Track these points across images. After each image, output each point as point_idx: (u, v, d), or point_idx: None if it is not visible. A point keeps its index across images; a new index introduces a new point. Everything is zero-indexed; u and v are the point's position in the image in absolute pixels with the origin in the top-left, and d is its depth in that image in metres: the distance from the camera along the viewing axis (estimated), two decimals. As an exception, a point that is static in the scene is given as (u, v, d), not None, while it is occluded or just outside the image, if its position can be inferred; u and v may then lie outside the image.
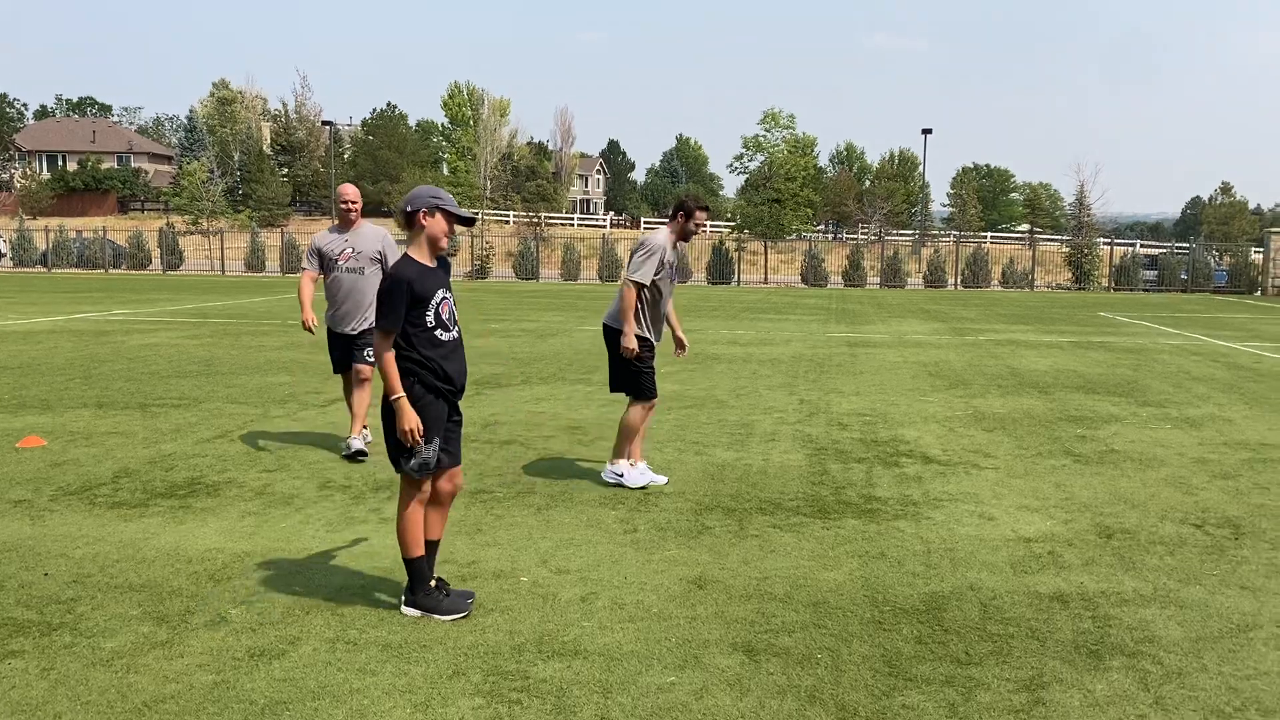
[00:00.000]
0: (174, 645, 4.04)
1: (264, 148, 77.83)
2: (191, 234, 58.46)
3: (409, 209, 4.36)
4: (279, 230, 52.56)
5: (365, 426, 7.57)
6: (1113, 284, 41.08)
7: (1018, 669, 3.94)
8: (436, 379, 4.36)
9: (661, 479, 6.82)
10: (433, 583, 4.45)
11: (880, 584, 4.89)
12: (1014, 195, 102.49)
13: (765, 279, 44.11)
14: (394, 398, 4.26)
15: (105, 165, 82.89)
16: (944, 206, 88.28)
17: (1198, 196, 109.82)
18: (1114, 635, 4.29)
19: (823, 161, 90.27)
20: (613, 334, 6.68)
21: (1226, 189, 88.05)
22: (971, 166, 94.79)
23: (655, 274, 6.56)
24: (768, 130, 59.77)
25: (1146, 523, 6.04)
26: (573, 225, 72.60)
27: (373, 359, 7.17)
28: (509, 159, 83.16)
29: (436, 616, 4.35)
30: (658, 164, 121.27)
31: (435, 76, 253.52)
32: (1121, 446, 8.29)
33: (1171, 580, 5.01)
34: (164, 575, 4.87)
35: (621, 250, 43.98)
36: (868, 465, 7.49)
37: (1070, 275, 42.77)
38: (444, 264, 4.54)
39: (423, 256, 4.40)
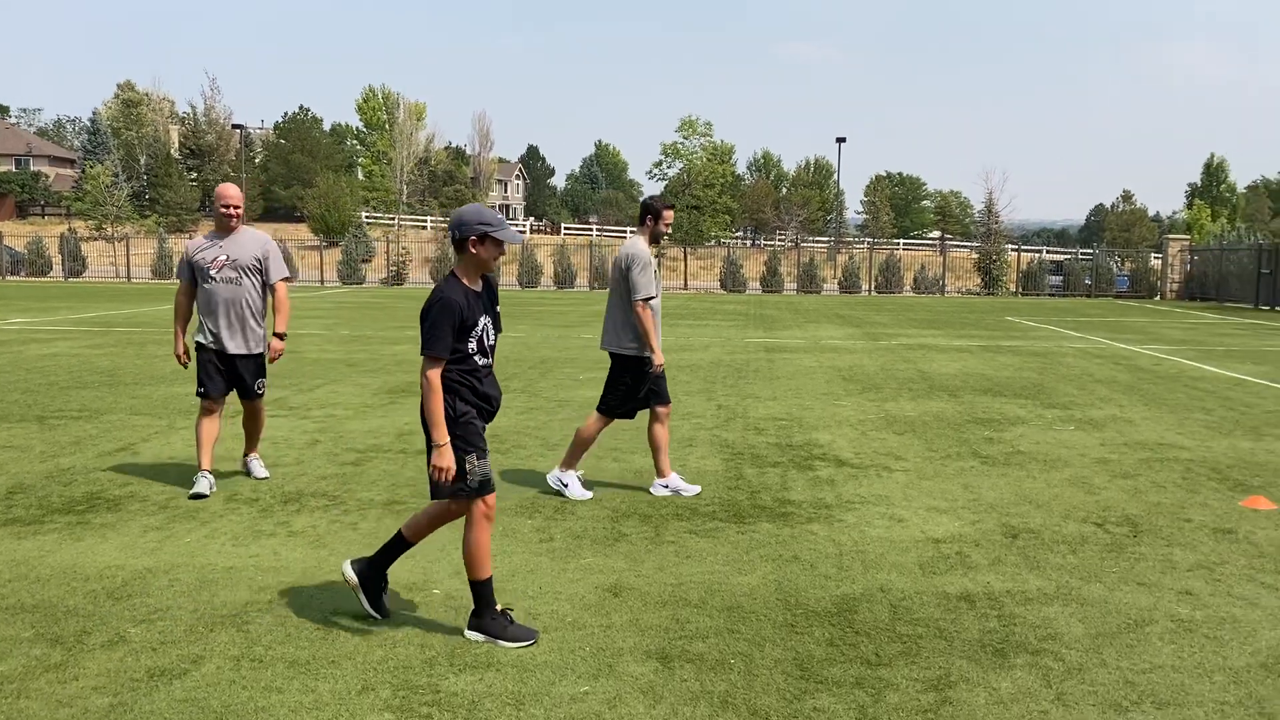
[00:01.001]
0: (68, 668, 3.89)
1: (171, 151, 75.73)
2: (95, 240, 56.68)
3: (457, 235, 4.28)
4: (188, 235, 51.21)
5: (256, 456, 7.17)
6: (1020, 289, 42.22)
7: (926, 669, 4.01)
8: (475, 395, 4.31)
9: (694, 489, 6.77)
10: (499, 607, 4.34)
11: (793, 587, 4.94)
12: (925, 203, 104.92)
13: (685, 285, 44.37)
14: (438, 444, 4.17)
15: (2, 168, 79.85)
16: (858, 214, 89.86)
17: (1101, 204, 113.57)
18: (1018, 633, 4.39)
19: (740, 169, 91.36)
20: (619, 358, 6.67)
21: (1128, 197, 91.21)
22: (884, 174, 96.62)
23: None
24: (686, 137, 60.34)
25: (1050, 522, 6.21)
26: (491, 231, 71.92)
27: (261, 391, 6.95)
28: (426, 164, 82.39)
29: (503, 643, 4.18)
30: (578, 170, 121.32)
31: (350, 80, 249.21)
32: (1027, 448, 8.52)
33: (1073, 578, 5.15)
34: (59, 595, 4.69)
35: (541, 256, 43.86)
36: (782, 469, 7.57)
37: (979, 281, 43.85)
38: (489, 284, 4.48)
39: (470, 280, 4.34)
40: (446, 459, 4.16)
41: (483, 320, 4.32)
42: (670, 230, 6.72)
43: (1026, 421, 9.85)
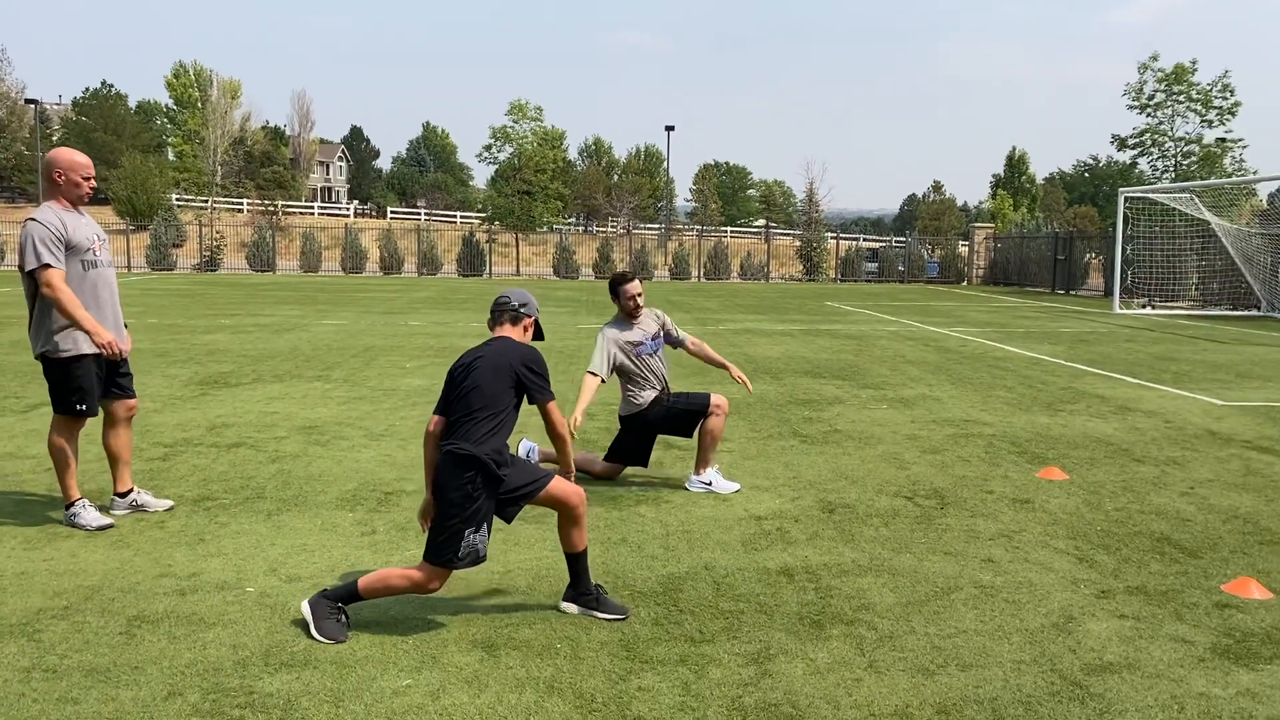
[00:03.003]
0: None
1: (-46, 126, 69.74)
2: None
3: (524, 313, 4.51)
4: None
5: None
6: (839, 275, 43.88)
7: (747, 643, 4.11)
8: (498, 469, 4.16)
9: (734, 485, 6.65)
10: (345, 612, 4.16)
11: (620, 569, 4.98)
12: (751, 192, 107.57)
13: (517, 271, 44.06)
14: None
15: None
16: (688, 201, 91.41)
17: (914, 194, 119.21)
18: (834, 605, 4.56)
19: (572, 155, 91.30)
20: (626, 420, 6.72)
21: (938, 187, 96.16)
22: (712, 163, 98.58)
23: (614, 359, 6.60)
24: (516, 121, 59.81)
25: (864, 497, 6.48)
26: (313, 214, 69.63)
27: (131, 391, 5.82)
28: (242, 144, 78.75)
29: (315, 636, 4.03)
30: (404, 152, 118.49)
31: (158, 55, 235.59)
32: (844, 426, 8.86)
33: (885, 550, 5.39)
34: None
35: (366, 240, 42.66)
36: (611, 454, 7.60)
37: (801, 268, 45.35)
38: None
39: None
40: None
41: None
42: (635, 301, 6.66)
43: (844, 401, 10.24)
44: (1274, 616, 4.51)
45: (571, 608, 4.38)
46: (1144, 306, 27.32)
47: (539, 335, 4.61)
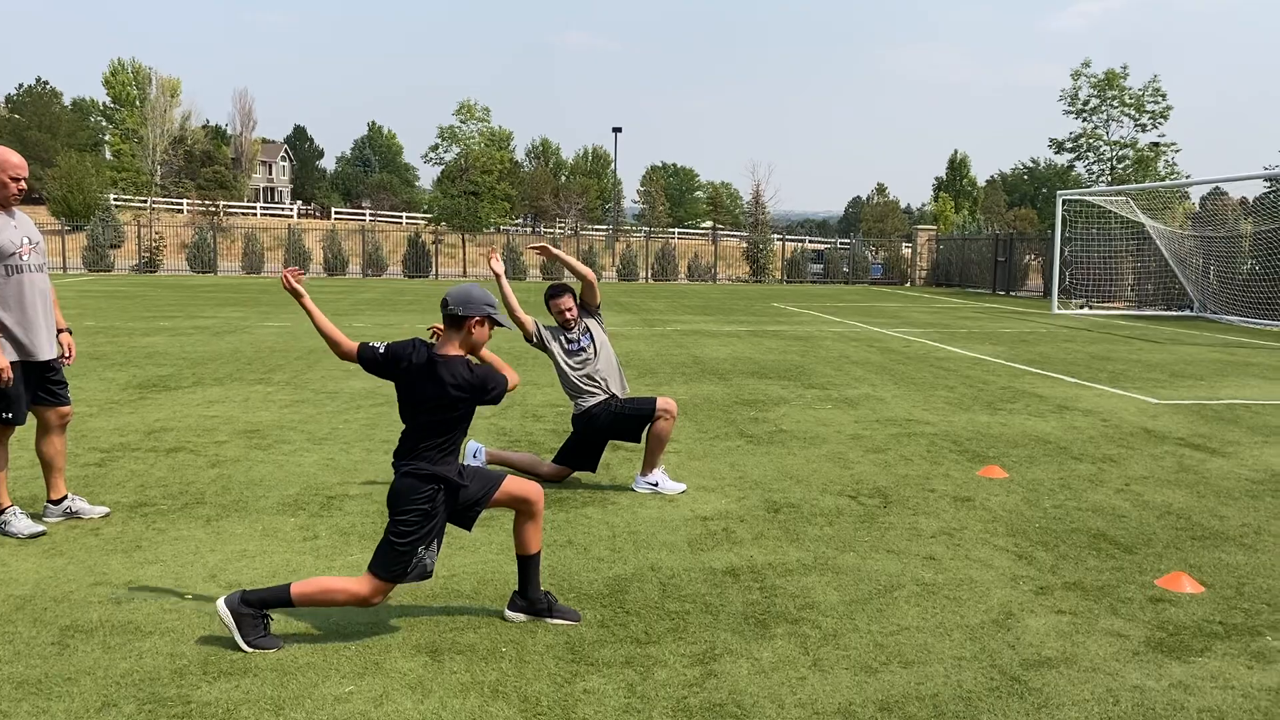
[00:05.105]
0: None
1: (-122, 123, 67.68)
2: None
3: (461, 312, 4.09)
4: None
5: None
6: (785, 277, 44.20)
7: (693, 644, 4.12)
8: (460, 481, 4.11)
9: (680, 486, 6.63)
10: (268, 617, 4.04)
11: (567, 571, 4.96)
12: (699, 193, 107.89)
13: (464, 272, 43.78)
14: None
15: None
16: (635, 203, 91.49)
17: (858, 196, 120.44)
18: (779, 604, 4.59)
19: (519, 156, 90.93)
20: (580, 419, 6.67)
21: (882, 190, 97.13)
22: (660, 165, 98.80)
23: (544, 336, 6.69)
24: (463, 122, 59.46)
25: (809, 496, 6.53)
26: (255, 215, 68.57)
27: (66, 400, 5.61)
28: (182, 143, 77.29)
29: (238, 638, 3.94)
30: (349, 152, 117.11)
31: (94, 52, 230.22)
32: (789, 426, 8.93)
33: (830, 549, 5.44)
34: None
35: (310, 242, 42.13)
36: (558, 456, 7.58)
37: (748, 269, 45.60)
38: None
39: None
40: None
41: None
42: (567, 314, 6.69)
43: (789, 401, 10.32)
44: (1205, 610, 4.63)
45: (518, 617, 4.32)
46: (1081, 307, 27.88)
47: (492, 327, 4.26)
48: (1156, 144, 46.03)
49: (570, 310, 6.68)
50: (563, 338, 6.73)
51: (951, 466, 7.49)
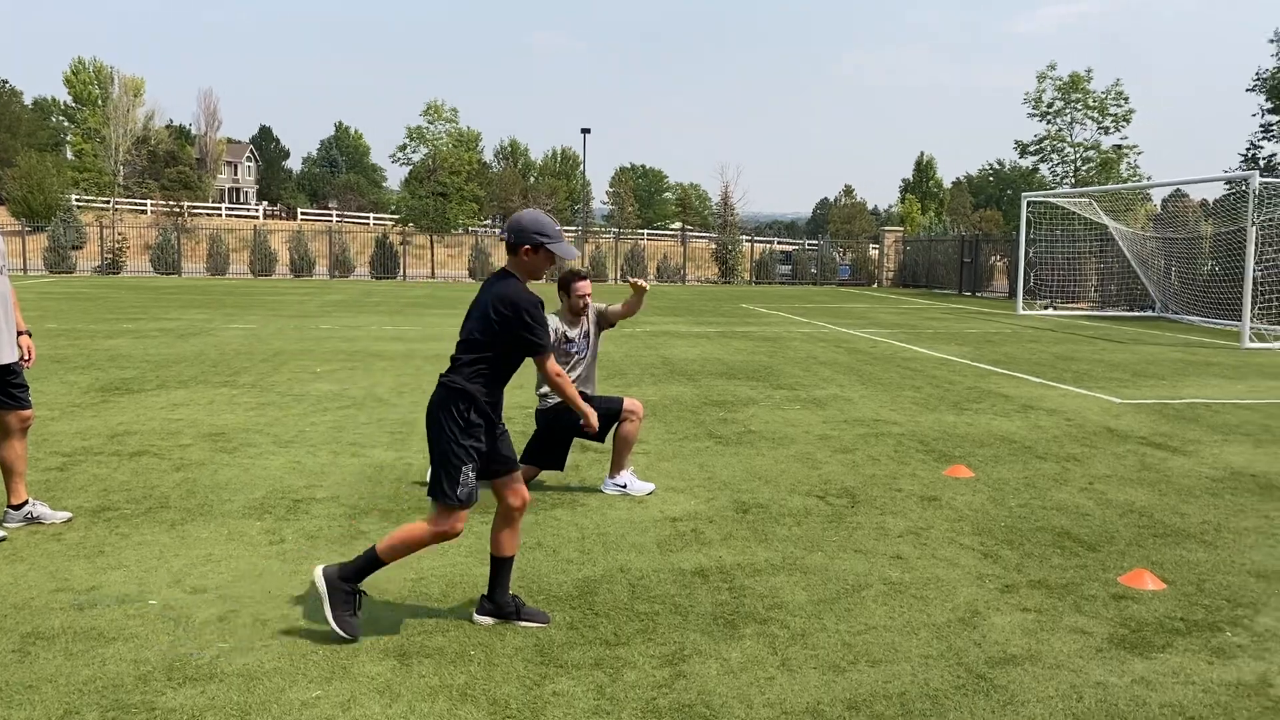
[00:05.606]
0: None
1: None
2: None
3: (513, 240, 4.19)
4: None
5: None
6: (754, 278, 44.34)
7: (662, 645, 4.12)
8: (491, 412, 4.16)
9: (649, 487, 6.61)
10: (361, 590, 4.17)
11: (536, 573, 4.96)
12: (668, 195, 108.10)
13: (432, 273, 43.56)
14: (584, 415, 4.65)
15: None
16: (604, 204, 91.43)
17: (826, 198, 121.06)
18: (748, 604, 4.61)
19: (488, 156, 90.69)
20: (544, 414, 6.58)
21: (849, 191, 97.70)
22: (629, 166, 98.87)
23: (560, 355, 6.51)
24: (431, 122, 59.16)
25: (778, 496, 6.56)
26: (220, 215, 67.89)
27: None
28: (145, 143, 76.38)
29: (328, 611, 4.05)
30: (315, 153, 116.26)
31: (55, 50, 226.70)
32: (758, 427, 8.96)
33: (798, 549, 5.46)
34: None
35: (276, 243, 41.78)
36: (527, 457, 7.57)
37: (717, 270, 45.70)
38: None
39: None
40: (590, 413, 4.66)
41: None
42: (586, 302, 6.69)
43: (758, 402, 10.36)
44: (1167, 606, 4.70)
45: (487, 620, 4.31)
46: (1046, 308, 28.19)
47: (550, 257, 4.23)
48: (1119, 146, 46.59)
49: (589, 295, 6.71)
50: (565, 328, 6.65)
51: (918, 466, 7.55)
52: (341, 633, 4.03)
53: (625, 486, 6.56)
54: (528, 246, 4.19)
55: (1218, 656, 4.14)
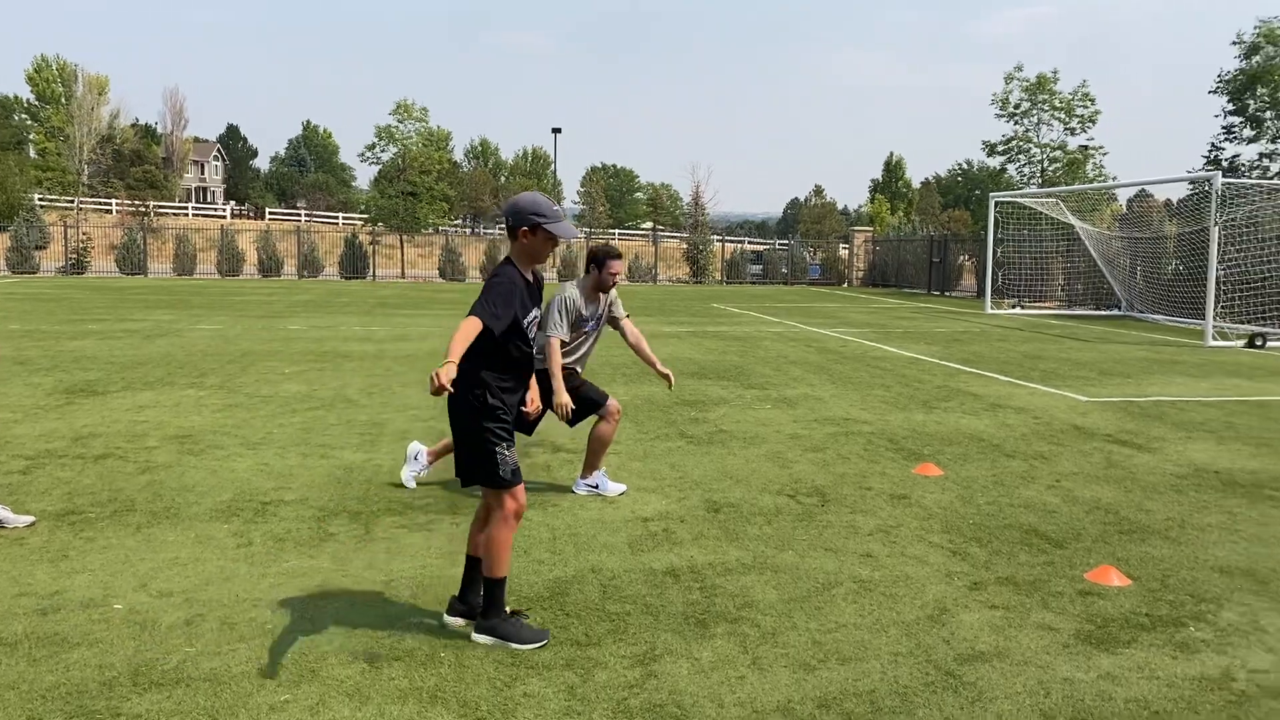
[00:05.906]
0: None
1: None
2: None
3: (510, 223, 4.12)
4: None
5: None
6: (725, 278, 44.43)
7: (633, 645, 4.12)
8: (503, 395, 4.13)
9: (620, 487, 6.59)
10: (508, 609, 4.14)
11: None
12: (639, 194, 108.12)
13: (402, 273, 43.32)
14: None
15: None
16: (575, 204, 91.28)
17: (796, 198, 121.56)
18: (719, 604, 4.62)
19: (458, 156, 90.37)
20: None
21: (819, 191, 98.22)
22: (600, 166, 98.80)
23: (572, 317, 6.51)
24: (401, 121, 58.80)
25: (749, 496, 6.58)
26: (187, 215, 67.17)
27: None
28: (110, 142, 75.47)
29: (514, 645, 4.01)
30: (284, 152, 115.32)
31: (17, 47, 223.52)
32: (729, 426, 8.98)
33: (769, 547, 5.48)
34: None
35: (244, 242, 41.41)
36: (497, 458, 7.54)
37: (688, 270, 45.76)
38: (537, 280, 4.24)
39: (523, 268, 4.13)
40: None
41: (532, 313, 4.17)
42: (616, 282, 6.73)
43: (729, 402, 10.38)
44: (1132, 602, 4.75)
45: (458, 622, 4.29)
46: (1014, 307, 28.44)
47: (551, 238, 4.11)
48: (1085, 147, 47.11)
49: (619, 276, 6.73)
50: (584, 306, 6.60)
51: (888, 465, 7.59)
52: (536, 644, 4.06)
53: (597, 487, 6.56)
54: (525, 228, 4.11)
55: (1182, 651, 4.19)
